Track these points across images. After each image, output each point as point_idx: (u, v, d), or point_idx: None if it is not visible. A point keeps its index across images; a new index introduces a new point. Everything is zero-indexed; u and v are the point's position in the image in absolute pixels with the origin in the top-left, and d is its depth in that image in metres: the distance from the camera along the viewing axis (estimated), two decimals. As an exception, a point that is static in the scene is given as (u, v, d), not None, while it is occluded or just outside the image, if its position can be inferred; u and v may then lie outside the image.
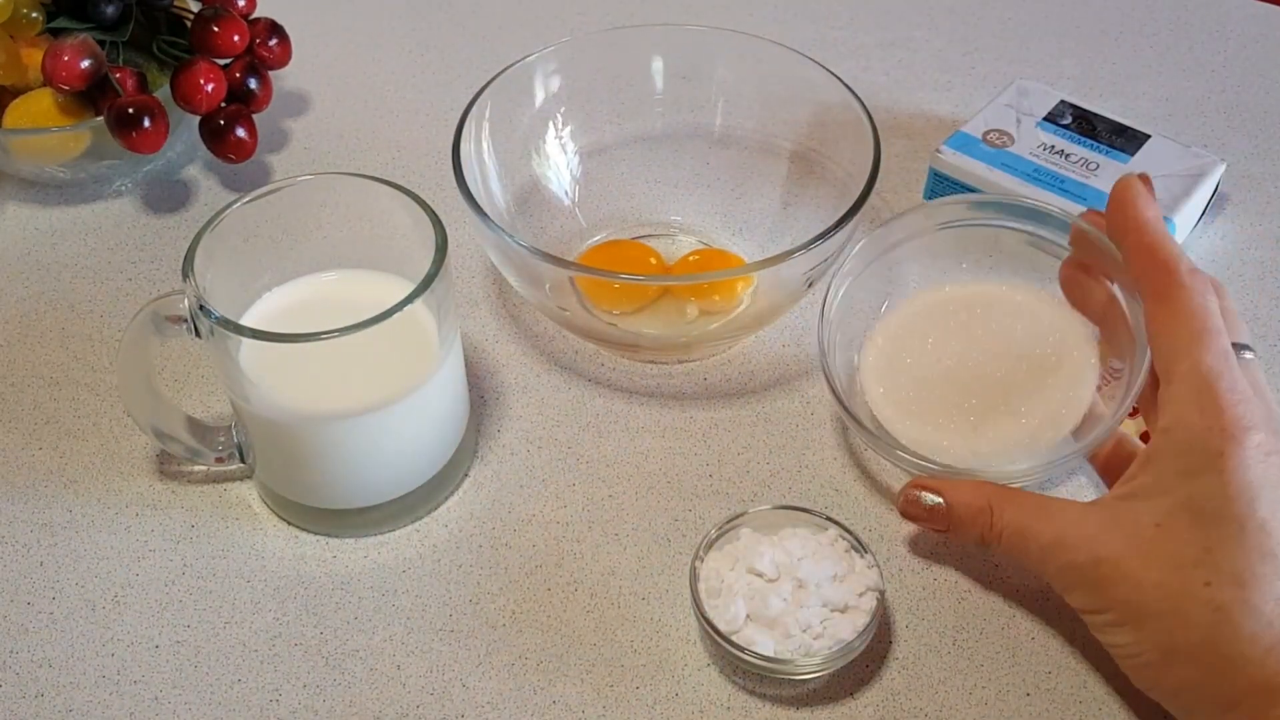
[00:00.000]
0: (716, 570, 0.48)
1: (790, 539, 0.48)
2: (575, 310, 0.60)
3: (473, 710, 0.48)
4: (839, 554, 0.48)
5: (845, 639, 0.46)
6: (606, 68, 0.66)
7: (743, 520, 0.50)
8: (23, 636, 0.50)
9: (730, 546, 0.49)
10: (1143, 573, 0.42)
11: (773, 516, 0.50)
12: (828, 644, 0.46)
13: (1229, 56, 0.79)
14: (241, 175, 0.71)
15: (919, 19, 0.82)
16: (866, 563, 0.48)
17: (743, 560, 0.48)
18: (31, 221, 0.69)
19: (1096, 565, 0.43)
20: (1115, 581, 0.42)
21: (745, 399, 0.59)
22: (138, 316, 0.49)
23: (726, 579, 0.47)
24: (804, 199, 0.64)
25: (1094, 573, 0.43)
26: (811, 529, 0.49)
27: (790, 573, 0.47)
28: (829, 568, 0.47)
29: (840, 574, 0.47)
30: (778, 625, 0.46)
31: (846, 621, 0.46)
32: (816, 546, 0.48)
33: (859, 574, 0.47)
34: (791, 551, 0.48)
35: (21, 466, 0.56)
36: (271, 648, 0.50)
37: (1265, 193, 0.69)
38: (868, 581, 0.47)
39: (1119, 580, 0.42)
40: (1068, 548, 0.44)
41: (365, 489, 0.52)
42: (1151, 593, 0.41)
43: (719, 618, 0.47)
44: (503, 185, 0.63)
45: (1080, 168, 0.65)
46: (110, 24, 0.66)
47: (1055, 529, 0.44)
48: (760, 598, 0.46)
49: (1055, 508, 0.44)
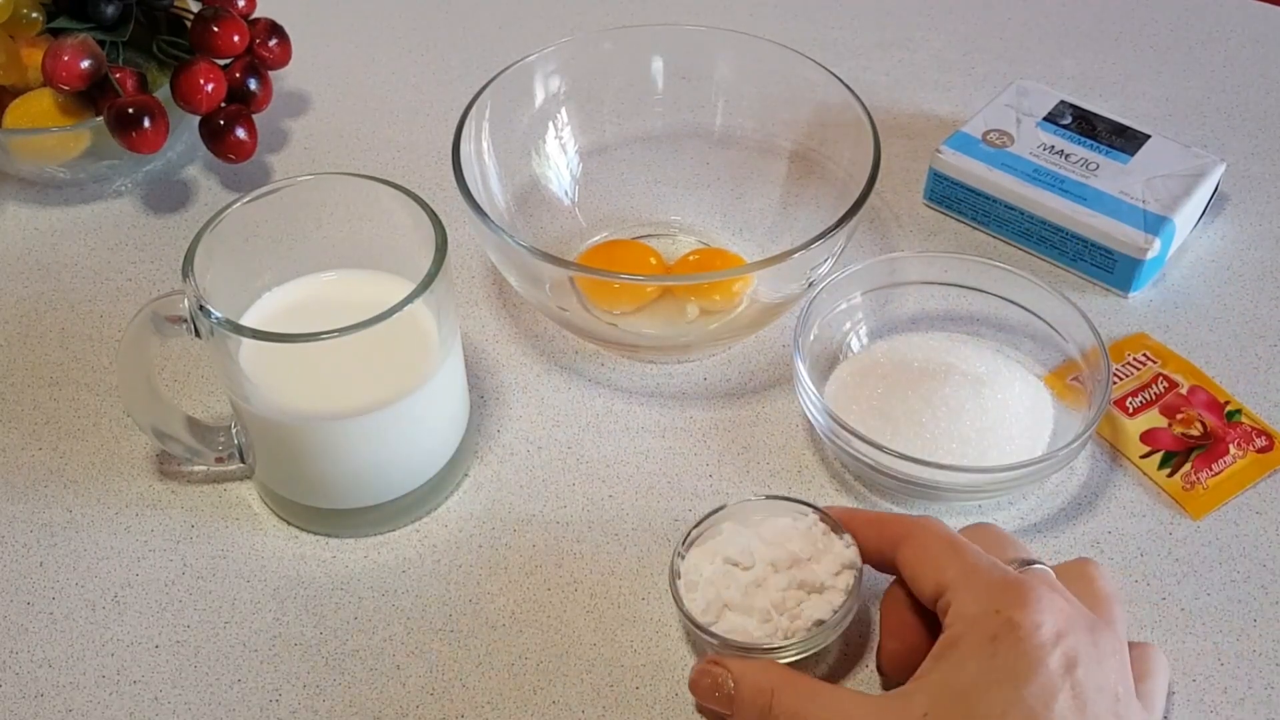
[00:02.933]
0: (696, 565, 0.48)
1: (767, 527, 0.48)
2: (575, 310, 0.60)
3: (473, 710, 0.48)
4: (816, 536, 0.48)
5: (821, 618, 0.46)
6: (606, 68, 0.66)
7: (723, 514, 0.50)
8: (23, 636, 0.50)
9: (711, 542, 0.49)
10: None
11: (753, 508, 0.50)
12: (804, 624, 0.46)
13: (1229, 56, 0.79)
14: (241, 175, 0.71)
15: (919, 19, 0.82)
16: (844, 543, 0.48)
17: (719, 552, 0.48)
18: (31, 221, 0.69)
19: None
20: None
21: (745, 399, 0.59)
22: (138, 316, 0.49)
23: (705, 572, 0.48)
24: (804, 199, 0.64)
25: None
26: (792, 516, 0.49)
27: (764, 558, 0.47)
28: (803, 549, 0.47)
29: (815, 555, 0.47)
30: (754, 610, 0.46)
31: (823, 601, 0.46)
32: (792, 531, 0.48)
33: (835, 554, 0.47)
34: (766, 538, 0.48)
35: (21, 466, 0.56)
36: (271, 648, 0.50)
37: (1265, 193, 0.69)
38: (843, 560, 0.47)
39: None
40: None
41: (365, 489, 0.52)
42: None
43: (696, 609, 0.47)
44: (503, 185, 0.63)
45: (1080, 168, 0.65)
46: (110, 24, 0.66)
47: (828, 717, 0.43)
48: (736, 585, 0.47)
49: (833, 696, 0.44)
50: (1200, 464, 0.55)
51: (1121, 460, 0.56)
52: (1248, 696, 0.48)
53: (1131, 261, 0.62)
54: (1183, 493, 0.54)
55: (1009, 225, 0.66)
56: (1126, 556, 0.52)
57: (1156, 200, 0.63)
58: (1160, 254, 0.62)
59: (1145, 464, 0.56)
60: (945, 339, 0.59)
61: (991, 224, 0.66)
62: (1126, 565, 0.52)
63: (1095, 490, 0.55)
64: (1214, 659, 0.49)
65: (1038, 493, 0.55)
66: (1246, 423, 0.57)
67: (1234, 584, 0.51)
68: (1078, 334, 0.56)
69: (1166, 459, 0.56)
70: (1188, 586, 0.51)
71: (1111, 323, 0.62)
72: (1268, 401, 0.58)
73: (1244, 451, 0.56)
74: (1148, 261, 0.62)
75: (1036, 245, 0.65)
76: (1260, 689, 0.48)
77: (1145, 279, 0.63)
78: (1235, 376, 0.59)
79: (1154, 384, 0.59)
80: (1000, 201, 0.65)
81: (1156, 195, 0.63)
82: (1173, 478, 0.55)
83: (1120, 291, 0.63)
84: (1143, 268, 0.62)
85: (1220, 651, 0.49)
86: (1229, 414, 0.57)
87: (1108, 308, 0.63)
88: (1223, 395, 0.58)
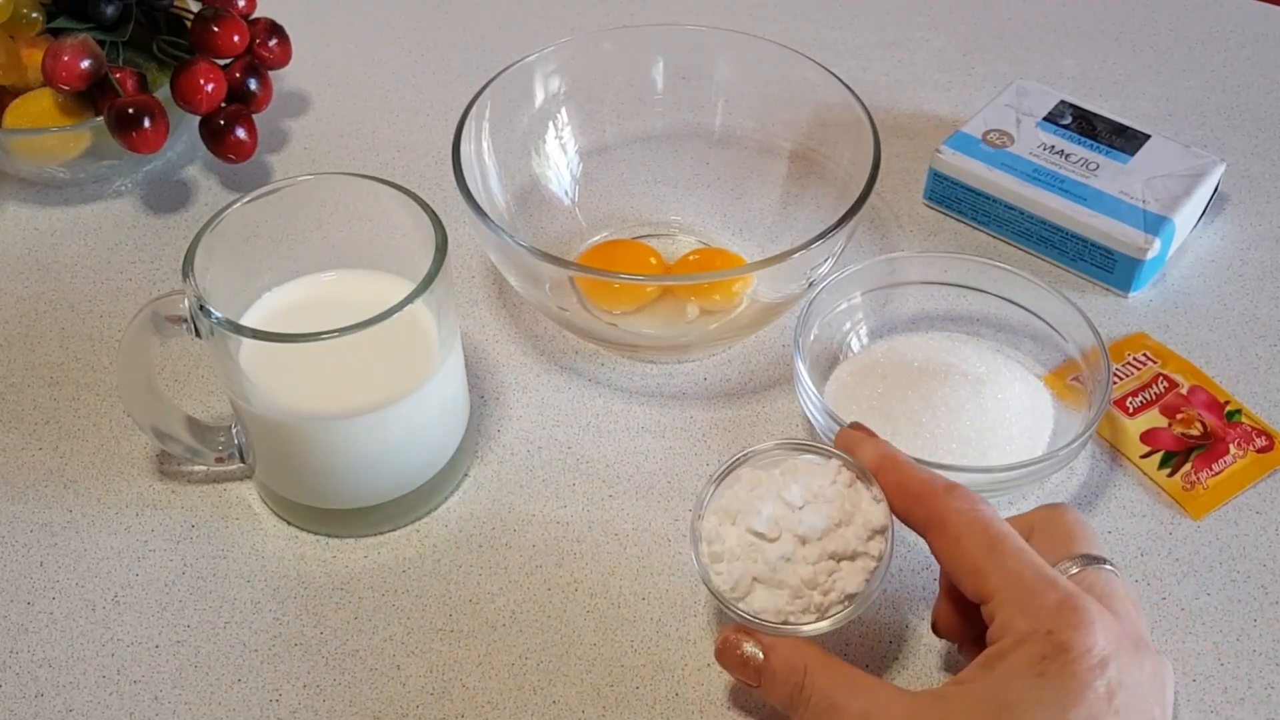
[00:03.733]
0: (718, 531, 0.45)
1: (790, 483, 0.45)
2: (575, 310, 0.60)
3: (473, 710, 0.48)
4: (841, 492, 0.45)
5: (853, 590, 0.44)
6: (606, 68, 0.66)
7: (744, 459, 0.47)
8: (23, 636, 0.50)
9: (730, 494, 0.46)
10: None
11: (774, 455, 0.47)
12: (837, 598, 0.44)
13: (1229, 56, 0.79)
14: (241, 175, 0.71)
15: (919, 19, 0.82)
16: (873, 495, 0.45)
17: (743, 517, 0.45)
18: (31, 221, 0.69)
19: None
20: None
21: (745, 399, 0.59)
22: (138, 316, 0.49)
23: (728, 541, 0.45)
24: (804, 199, 0.64)
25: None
26: (815, 463, 0.46)
27: (790, 529, 0.45)
28: (831, 514, 0.45)
29: (844, 518, 0.45)
30: (785, 586, 0.44)
31: (855, 569, 0.44)
32: (818, 489, 0.45)
33: (864, 513, 0.45)
34: (791, 502, 0.45)
35: (21, 466, 0.56)
36: (271, 648, 0.50)
37: (1265, 193, 0.69)
38: (873, 523, 0.45)
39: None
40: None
41: (365, 489, 0.52)
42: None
43: (724, 584, 0.45)
44: (503, 185, 0.63)
45: (1080, 168, 0.65)
46: (110, 24, 0.66)
47: (863, 704, 0.42)
48: (764, 559, 0.44)
49: (867, 684, 0.43)
50: (1200, 464, 0.55)
51: (1121, 460, 0.56)
52: (1248, 696, 0.48)
53: (1131, 261, 0.62)
54: (1183, 493, 0.54)
55: (1009, 225, 0.66)
56: (1126, 556, 0.52)
57: (1156, 200, 0.63)
58: (1160, 254, 0.62)
59: (1145, 464, 0.56)
60: (945, 339, 0.59)
61: (991, 224, 0.66)
62: (1126, 565, 0.52)
63: (1095, 490, 0.55)
64: (1214, 659, 0.49)
65: (1038, 493, 0.55)
66: (1246, 423, 0.57)
67: (1234, 584, 0.51)
68: (1078, 334, 0.56)
69: (1166, 459, 0.56)
70: (1188, 586, 0.51)
71: (1111, 323, 0.62)
72: (1268, 401, 0.58)
73: (1244, 451, 0.56)
74: (1148, 261, 0.62)
75: (1036, 245, 0.65)
76: (1260, 689, 0.48)
77: (1145, 279, 0.63)
78: (1235, 376, 0.59)
79: (1154, 384, 0.59)
80: (1000, 201, 0.65)
81: (1156, 195, 0.63)
82: (1173, 478, 0.55)
83: (1120, 291, 0.63)
84: (1143, 268, 0.62)
85: (1220, 651, 0.49)
86: (1229, 414, 0.57)
87: (1108, 308, 0.63)
88: (1223, 395, 0.58)
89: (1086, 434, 0.51)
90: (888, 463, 0.45)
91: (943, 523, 0.43)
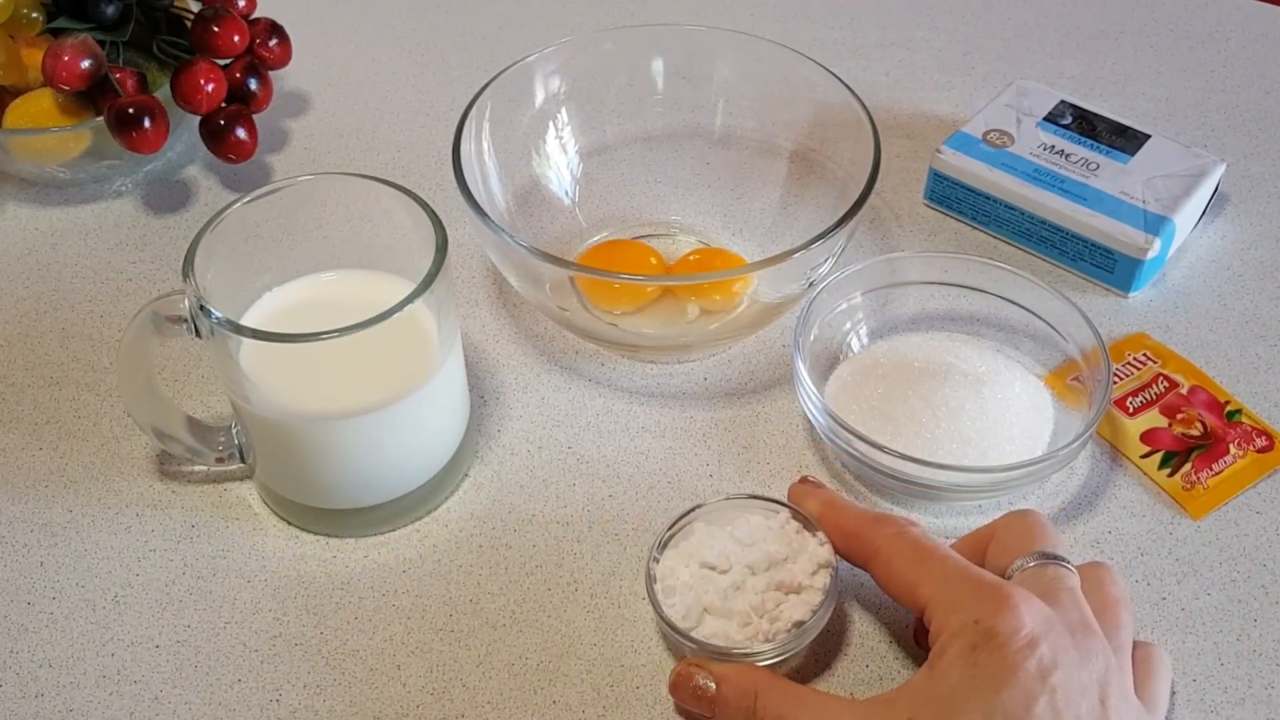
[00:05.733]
0: (671, 569, 0.48)
1: (741, 527, 0.48)
2: (575, 310, 0.60)
3: (473, 710, 0.48)
4: (790, 535, 0.48)
5: (800, 619, 0.46)
6: (606, 68, 0.66)
7: (696, 514, 0.50)
8: (23, 636, 0.50)
9: (685, 544, 0.49)
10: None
11: (725, 508, 0.50)
12: (784, 626, 0.46)
13: (1229, 56, 0.79)
14: (241, 175, 0.71)
15: (919, 19, 0.82)
16: (818, 540, 0.48)
17: (695, 556, 0.48)
18: (31, 221, 0.69)
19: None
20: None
21: (745, 399, 0.59)
22: (138, 316, 0.49)
23: (681, 576, 0.48)
24: (804, 199, 0.64)
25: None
26: (763, 514, 0.49)
27: (740, 560, 0.47)
28: (779, 550, 0.47)
29: (791, 555, 0.47)
30: (734, 614, 0.46)
31: (801, 602, 0.47)
32: (766, 531, 0.48)
33: (810, 552, 0.47)
34: (741, 539, 0.48)
35: (21, 466, 0.56)
36: (271, 648, 0.50)
37: (1265, 193, 0.69)
38: (819, 559, 0.47)
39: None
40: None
41: (365, 489, 0.52)
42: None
43: (675, 614, 0.47)
44: (503, 185, 0.63)
45: (1080, 168, 0.65)
46: (110, 24, 0.66)
47: (814, 718, 0.43)
48: (714, 589, 0.47)
49: (816, 700, 0.44)
50: (1200, 464, 0.55)
51: (1121, 460, 0.56)
52: (1248, 696, 0.48)
53: (1131, 261, 0.62)
54: (1183, 493, 0.54)
55: (1009, 225, 0.66)
56: (1126, 556, 0.52)
57: (1156, 200, 0.63)
58: (1160, 254, 0.62)
59: (1145, 464, 0.56)
60: (945, 339, 0.59)
61: (991, 224, 0.66)
62: (1126, 565, 0.52)
63: (1095, 490, 0.55)
64: (1214, 659, 0.49)
65: (1038, 493, 0.55)
66: (1246, 423, 0.57)
67: (1234, 584, 0.51)
68: (1078, 334, 0.56)
69: (1167, 459, 0.56)
70: (1188, 586, 0.51)
71: (1111, 323, 0.62)
72: (1268, 401, 0.58)
73: (1244, 451, 0.56)
74: (1148, 261, 0.62)
75: (1036, 245, 0.65)
76: (1260, 689, 0.48)
77: (1145, 279, 0.63)
78: (1235, 376, 0.59)
79: (1154, 384, 0.59)
80: (1000, 201, 0.65)
81: (1156, 195, 0.63)
82: (1173, 478, 0.55)
83: (1120, 291, 0.63)
84: (1143, 268, 0.62)
85: (1220, 651, 0.49)
86: (1229, 414, 0.57)
87: (1108, 308, 0.63)
88: (1223, 395, 0.58)
89: (1086, 434, 0.51)
90: (828, 509, 0.48)
91: (875, 551, 0.46)
